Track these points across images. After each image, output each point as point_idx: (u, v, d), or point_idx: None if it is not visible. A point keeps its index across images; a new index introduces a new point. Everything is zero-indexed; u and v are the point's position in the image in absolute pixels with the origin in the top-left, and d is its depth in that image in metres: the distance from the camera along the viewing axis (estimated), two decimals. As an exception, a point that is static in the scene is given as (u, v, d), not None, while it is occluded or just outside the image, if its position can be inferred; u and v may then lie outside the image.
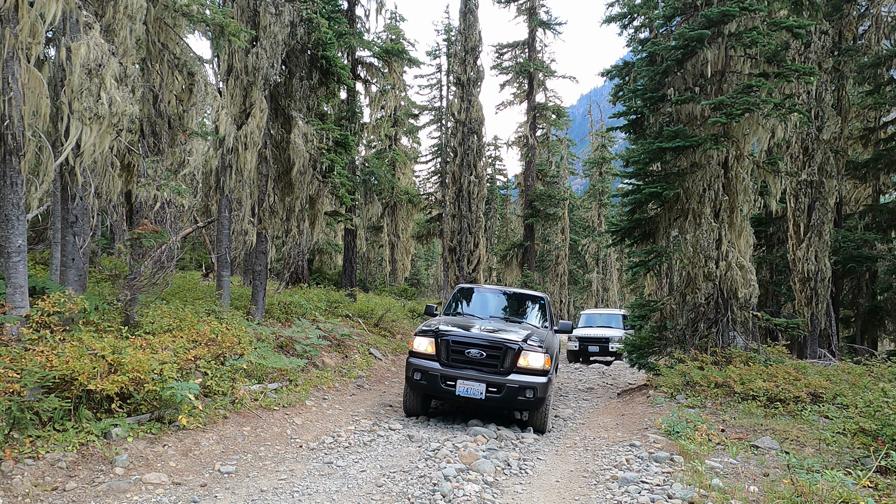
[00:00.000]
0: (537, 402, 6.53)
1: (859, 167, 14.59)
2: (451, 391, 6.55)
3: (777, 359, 9.04)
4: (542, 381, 6.56)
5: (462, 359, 6.67)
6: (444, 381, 6.62)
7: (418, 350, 6.87)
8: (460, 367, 6.65)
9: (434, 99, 29.57)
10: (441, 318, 7.94)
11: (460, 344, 6.73)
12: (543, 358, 6.63)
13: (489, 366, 6.61)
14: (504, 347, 6.62)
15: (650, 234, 10.55)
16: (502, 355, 6.59)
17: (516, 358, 6.59)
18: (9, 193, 5.83)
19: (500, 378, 6.53)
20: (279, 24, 9.94)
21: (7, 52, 5.64)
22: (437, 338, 6.81)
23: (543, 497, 4.58)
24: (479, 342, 6.71)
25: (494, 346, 6.65)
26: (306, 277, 18.80)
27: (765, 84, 8.68)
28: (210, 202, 12.29)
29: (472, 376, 6.56)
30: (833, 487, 3.89)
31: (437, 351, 6.77)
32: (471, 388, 6.50)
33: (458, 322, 7.47)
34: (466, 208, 19.36)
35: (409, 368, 6.85)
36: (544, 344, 6.87)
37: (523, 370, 6.57)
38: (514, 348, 6.61)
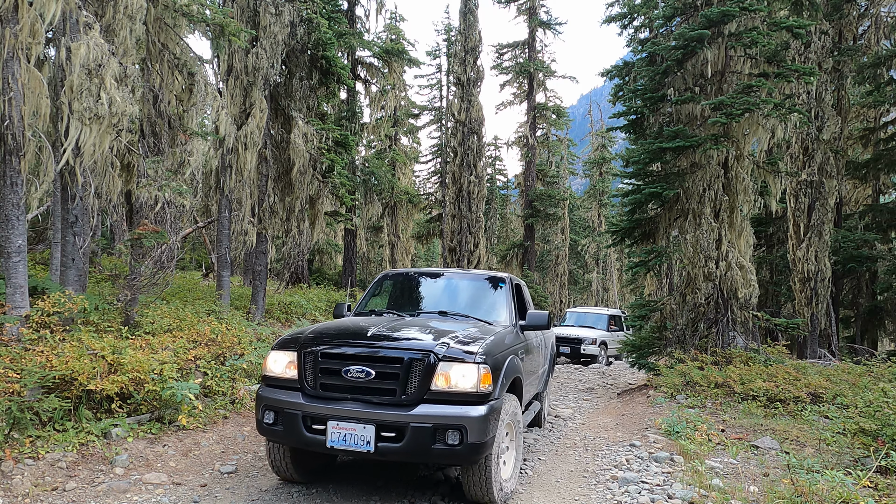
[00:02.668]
0: (468, 451, 3.75)
1: (859, 167, 14.59)
2: (321, 441, 3.90)
3: (777, 359, 9.04)
4: (477, 413, 3.80)
5: (339, 384, 4.02)
6: (308, 423, 3.97)
7: (272, 372, 4.27)
8: (336, 397, 4.01)
9: (434, 99, 29.57)
10: (340, 320, 5.39)
11: (335, 358, 4.06)
12: (478, 373, 3.87)
13: (382, 392, 3.93)
14: (404, 360, 3.91)
15: (650, 234, 10.55)
16: (403, 373, 3.89)
17: (428, 376, 3.88)
18: (9, 193, 5.83)
19: (399, 413, 3.82)
20: (279, 24, 9.94)
21: (7, 52, 5.64)
22: (302, 351, 4.15)
23: (543, 497, 4.58)
24: (363, 353, 4.02)
25: (388, 359, 3.97)
26: (306, 277, 18.81)
27: (765, 84, 8.69)
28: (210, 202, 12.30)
29: (353, 413, 3.88)
30: (833, 487, 3.89)
31: (300, 372, 4.13)
32: (350, 435, 3.83)
33: (349, 325, 4.70)
34: (466, 208, 19.37)
35: (259, 405, 4.20)
36: (487, 348, 4.11)
37: (442, 396, 3.87)
38: (423, 360, 3.90)
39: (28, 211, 10.29)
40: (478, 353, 4.00)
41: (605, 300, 38.36)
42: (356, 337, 4.26)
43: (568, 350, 16.13)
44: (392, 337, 4.27)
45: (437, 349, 3.97)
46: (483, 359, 3.97)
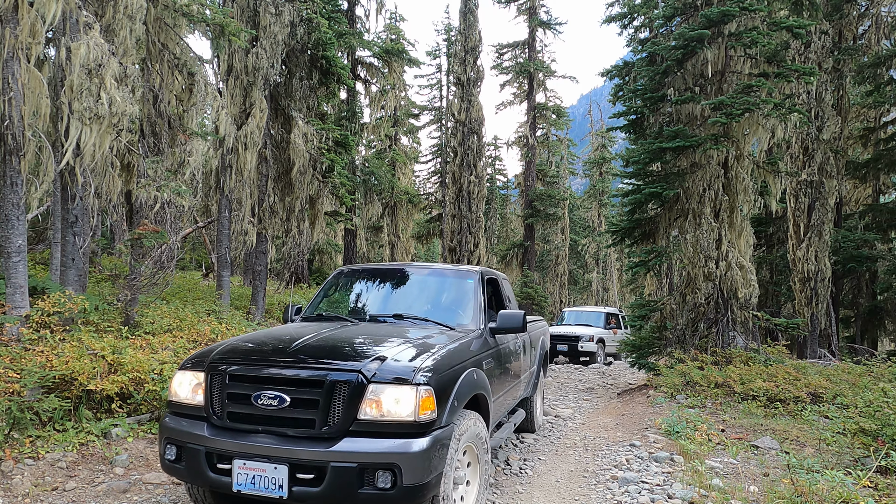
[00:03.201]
0: (403, 496, 3.03)
1: (859, 167, 14.59)
2: (227, 484, 3.18)
3: (777, 359, 9.04)
4: (417, 447, 3.06)
5: (249, 413, 3.26)
6: (213, 461, 3.24)
7: (178, 397, 3.52)
8: (245, 430, 3.25)
9: (434, 99, 29.59)
10: (266, 330, 4.49)
11: (245, 381, 3.31)
12: (416, 397, 3.10)
13: (298, 423, 3.17)
14: (326, 383, 3.14)
15: (650, 234, 10.55)
16: (323, 399, 3.13)
17: (354, 402, 3.12)
18: (9, 193, 5.83)
19: (317, 450, 3.05)
20: (279, 24, 9.95)
21: (7, 52, 5.64)
22: (209, 372, 3.41)
23: (543, 497, 4.58)
24: (276, 375, 3.27)
25: (306, 381, 3.22)
26: (306, 277, 18.82)
27: (765, 84, 8.69)
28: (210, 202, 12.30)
29: (262, 450, 3.13)
30: (833, 487, 3.89)
31: (207, 398, 3.38)
32: (260, 478, 3.11)
33: (273, 336, 3.90)
34: (466, 208, 19.37)
35: (161, 437, 3.49)
36: (433, 364, 3.34)
37: (373, 427, 3.12)
38: (349, 382, 3.14)
39: (28, 211, 10.29)
40: (419, 371, 3.19)
41: (605, 300, 38.36)
42: (275, 354, 3.45)
43: (566, 348, 15.98)
44: (315, 353, 3.40)
45: (367, 368, 3.16)
46: (425, 378, 3.16)
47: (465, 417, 3.55)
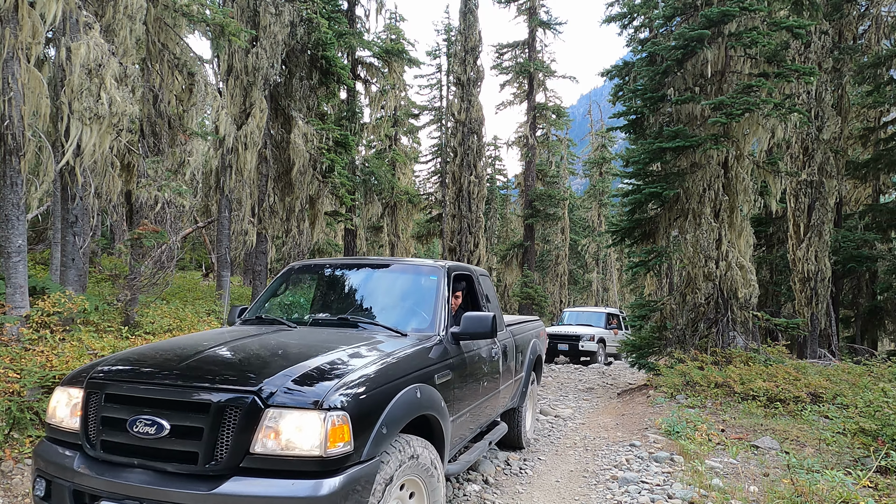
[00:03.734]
0: None
1: (859, 167, 14.60)
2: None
3: (777, 359, 9.04)
4: (326, 490, 2.40)
5: (125, 442, 2.64)
6: (82, 502, 2.63)
7: (54, 420, 2.93)
8: (120, 462, 2.63)
9: (434, 99, 29.59)
10: (167, 341, 3.76)
11: (121, 403, 2.70)
12: (324, 426, 2.45)
13: (179, 457, 2.54)
14: (212, 407, 2.52)
15: (650, 234, 10.56)
16: (210, 428, 2.49)
17: (247, 431, 2.49)
18: (9, 193, 5.83)
19: (195, 494, 2.42)
20: (279, 24, 9.95)
21: (7, 52, 5.65)
22: (89, 389, 2.81)
23: (543, 497, 4.59)
24: (157, 396, 2.65)
25: (189, 405, 2.58)
26: (306, 277, 18.78)
27: (765, 84, 8.69)
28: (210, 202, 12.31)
29: (133, 490, 2.50)
30: (833, 487, 3.89)
31: (83, 422, 2.77)
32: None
33: (173, 346, 3.26)
34: (466, 208, 19.37)
35: (32, 466, 2.92)
36: (356, 383, 2.72)
37: (269, 463, 2.47)
38: (241, 407, 2.51)
39: (28, 211, 10.29)
40: (331, 391, 2.52)
41: (605, 300, 38.38)
42: (161, 369, 2.78)
43: (566, 347, 15.99)
44: (208, 369, 2.77)
45: (266, 388, 2.51)
46: (341, 401, 2.49)
47: (405, 445, 2.86)
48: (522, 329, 5.95)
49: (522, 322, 6.22)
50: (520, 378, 5.61)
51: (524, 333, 5.93)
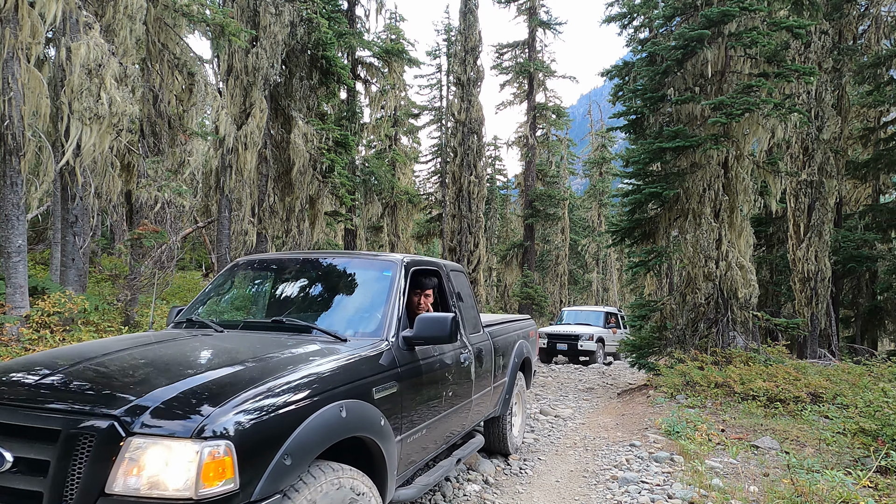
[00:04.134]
0: None
1: (859, 167, 14.60)
2: None
3: (777, 359, 9.04)
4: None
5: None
6: None
7: None
8: None
9: (434, 99, 29.59)
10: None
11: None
12: (199, 460, 1.90)
13: (20, 497, 1.97)
14: (61, 436, 1.96)
15: (650, 234, 10.56)
16: (56, 461, 1.93)
17: (102, 465, 1.91)
18: (9, 193, 5.83)
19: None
20: (279, 24, 9.95)
21: (7, 52, 5.65)
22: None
23: (543, 497, 4.59)
24: (2, 420, 2.09)
25: (30, 432, 2.04)
26: (306, 277, 18.80)
27: (765, 84, 8.69)
28: (210, 202, 12.31)
29: None
30: (833, 487, 3.89)
31: None
32: None
33: (69, 353, 2.76)
34: (466, 208, 19.37)
35: None
36: (247, 405, 2.12)
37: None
38: (94, 434, 1.95)
39: (28, 211, 10.30)
40: (214, 417, 2.02)
41: (605, 300, 38.39)
42: (17, 384, 2.31)
43: (565, 347, 15.93)
44: (70, 386, 2.28)
45: (130, 412, 2.01)
46: (223, 429, 2.00)
47: (323, 475, 2.34)
48: (505, 330, 5.31)
49: (506, 322, 5.57)
50: (502, 384, 4.96)
51: (507, 335, 5.28)
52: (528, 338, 6.03)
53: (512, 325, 5.61)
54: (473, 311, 4.65)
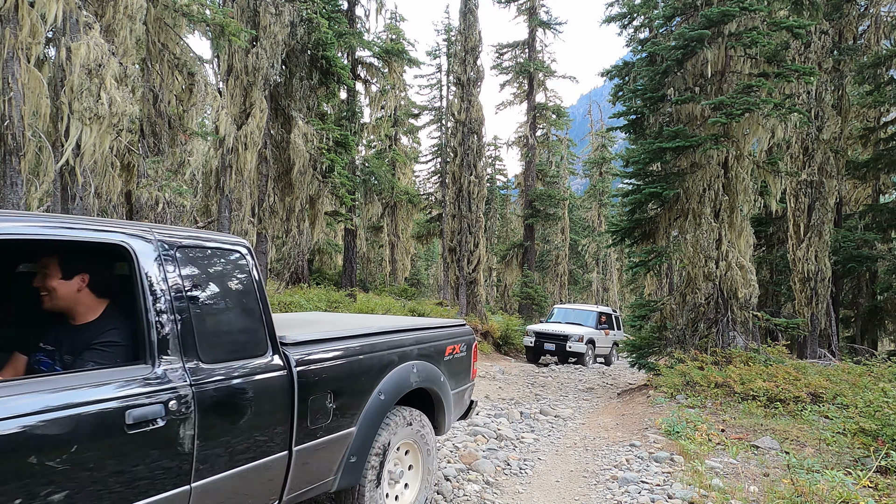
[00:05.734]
0: None
1: (859, 167, 14.60)
2: None
3: (777, 359, 9.04)
4: None
5: None
6: None
7: None
8: None
9: (434, 99, 29.58)
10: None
11: None
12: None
13: None
14: None
15: (650, 234, 10.56)
16: None
17: None
18: (9, 193, 5.83)
19: None
20: (279, 24, 9.95)
21: (7, 52, 5.65)
22: None
23: (543, 497, 4.59)
24: None
25: None
26: (306, 277, 18.80)
27: (765, 84, 8.69)
28: (210, 202, 12.31)
29: None
30: (833, 487, 3.89)
31: None
32: None
33: None
34: (466, 208, 19.36)
35: None
36: None
37: None
38: None
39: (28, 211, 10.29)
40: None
41: (605, 300, 38.39)
42: None
43: (553, 347, 15.26)
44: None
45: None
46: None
47: None
48: (364, 349, 3.19)
49: (387, 332, 3.47)
50: (340, 438, 2.98)
51: (367, 356, 3.20)
52: (443, 356, 3.91)
53: (393, 339, 3.45)
54: (239, 317, 2.61)
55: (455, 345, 4.13)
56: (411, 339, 3.67)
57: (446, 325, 4.20)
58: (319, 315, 4.90)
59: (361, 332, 3.30)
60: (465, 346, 4.26)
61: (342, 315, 4.63)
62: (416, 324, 3.95)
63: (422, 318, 4.43)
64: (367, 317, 4.68)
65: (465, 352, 4.24)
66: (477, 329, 17.69)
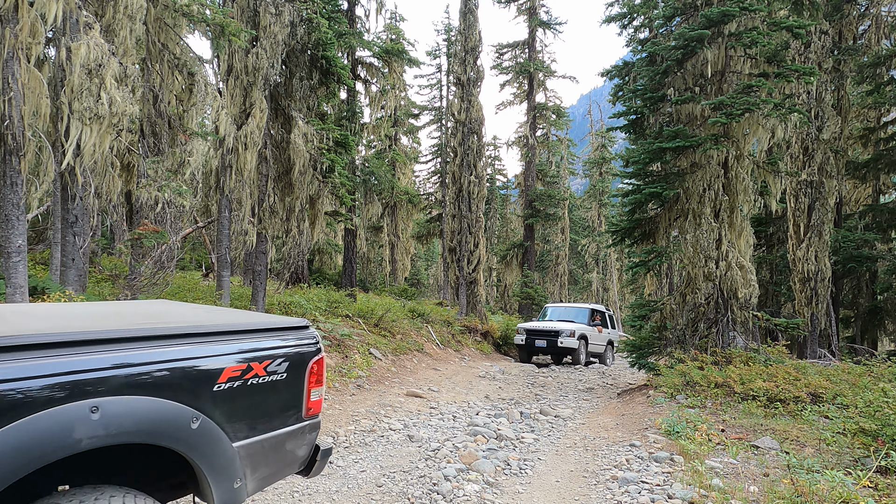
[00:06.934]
0: None
1: (859, 167, 14.61)
2: None
3: (777, 359, 9.04)
4: None
5: None
6: None
7: None
8: None
9: (434, 99, 29.57)
10: None
11: None
12: None
13: None
14: None
15: (650, 234, 10.56)
16: None
17: None
18: (9, 193, 5.83)
19: None
20: (279, 24, 9.95)
21: (7, 52, 5.65)
22: None
23: (543, 497, 4.58)
24: None
25: None
26: (306, 277, 18.81)
27: (765, 84, 8.69)
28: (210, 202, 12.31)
29: None
30: (833, 487, 3.89)
31: None
32: None
33: None
34: (466, 208, 19.36)
35: None
36: None
37: None
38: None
39: (28, 211, 10.29)
40: None
41: (605, 300, 38.39)
42: None
43: (544, 344, 15.03)
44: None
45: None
46: None
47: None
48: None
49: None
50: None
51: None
52: (211, 384, 2.33)
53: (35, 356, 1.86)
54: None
55: (254, 362, 2.49)
56: (102, 353, 2.03)
57: (237, 330, 2.50)
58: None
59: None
60: (282, 364, 2.62)
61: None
62: (138, 326, 2.24)
63: (275, 317, 2.88)
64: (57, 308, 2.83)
65: (282, 373, 2.61)
66: (477, 329, 17.69)
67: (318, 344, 2.85)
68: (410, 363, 11.82)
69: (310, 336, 2.83)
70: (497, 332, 18.33)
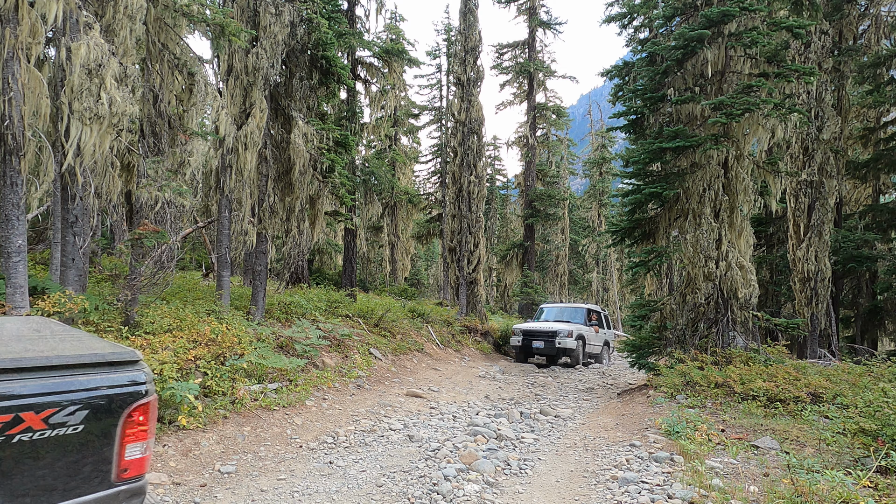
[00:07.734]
0: None
1: (859, 167, 14.60)
2: None
3: (777, 359, 9.04)
4: None
5: None
6: None
7: None
8: None
9: (434, 99, 29.57)
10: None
11: None
12: None
13: None
14: None
15: (650, 234, 10.55)
16: None
17: None
18: (9, 193, 5.83)
19: None
20: (279, 24, 9.94)
21: (7, 52, 5.65)
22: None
23: (543, 497, 4.58)
24: None
25: None
26: (306, 277, 18.81)
27: (765, 84, 8.69)
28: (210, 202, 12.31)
29: None
30: (833, 487, 3.89)
31: None
32: None
33: None
34: (466, 208, 19.35)
35: None
36: None
37: None
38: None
39: (28, 211, 10.29)
40: None
41: (605, 300, 38.38)
42: None
43: (541, 345, 14.88)
44: None
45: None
46: None
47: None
48: None
49: None
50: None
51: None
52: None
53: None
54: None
55: (25, 411, 1.90)
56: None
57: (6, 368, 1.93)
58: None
59: None
60: (77, 412, 2.01)
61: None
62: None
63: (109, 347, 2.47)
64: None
65: (75, 425, 2.01)
66: (477, 329, 17.70)
67: (146, 385, 2.20)
68: (410, 363, 11.82)
69: (133, 375, 2.16)
70: (497, 332, 18.33)
